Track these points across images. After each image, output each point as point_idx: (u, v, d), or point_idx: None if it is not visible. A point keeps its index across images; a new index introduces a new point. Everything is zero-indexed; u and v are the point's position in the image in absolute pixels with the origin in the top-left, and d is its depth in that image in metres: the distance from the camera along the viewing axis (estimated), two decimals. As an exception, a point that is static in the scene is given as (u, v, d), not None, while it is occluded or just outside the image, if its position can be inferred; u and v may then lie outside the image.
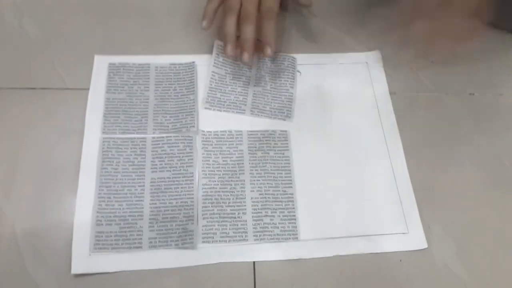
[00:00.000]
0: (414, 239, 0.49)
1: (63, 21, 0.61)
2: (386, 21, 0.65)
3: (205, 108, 0.55)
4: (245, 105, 0.56)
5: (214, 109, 0.55)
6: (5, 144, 0.51)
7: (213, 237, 0.48)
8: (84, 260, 0.45)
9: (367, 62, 0.61)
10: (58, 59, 0.57)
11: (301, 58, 0.60)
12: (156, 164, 0.51)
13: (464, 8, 0.65)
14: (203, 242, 0.47)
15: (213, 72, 0.57)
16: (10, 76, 0.56)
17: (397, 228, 0.50)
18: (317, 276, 0.47)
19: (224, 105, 0.56)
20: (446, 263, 0.48)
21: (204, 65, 0.59)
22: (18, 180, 0.49)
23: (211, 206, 0.49)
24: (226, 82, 0.57)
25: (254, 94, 0.57)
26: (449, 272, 0.48)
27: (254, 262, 0.47)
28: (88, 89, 0.55)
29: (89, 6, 0.63)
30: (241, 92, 0.57)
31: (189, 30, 0.62)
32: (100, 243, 0.46)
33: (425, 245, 0.49)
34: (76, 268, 0.45)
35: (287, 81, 0.58)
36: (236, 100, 0.56)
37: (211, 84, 0.57)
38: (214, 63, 0.58)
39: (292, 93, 0.58)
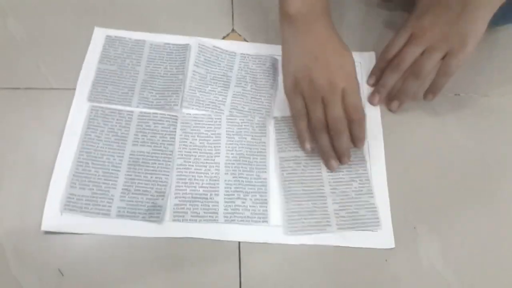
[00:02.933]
0: (384, 237, 0.49)
1: (48, 21, 0.61)
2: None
3: (177, 109, 0.55)
4: (224, 105, 0.56)
5: (192, 108, 0.55)
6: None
7: (183, 216, 0.49)
8: (54, 219, 0.47)
9: (360, 63, 0.61)
10: (42, 59, 0.57)
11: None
12: (139, 138, 0.53)
13: None
14: (174, 220, 0.48)
15: (194, 71, 0.58)
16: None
17: (369, 225, 0.50)
18: (299, 261, 0.48)
19: (203, 104, 0.56)
20: (431, 261, 0.48)
21: None
22: (5, 180, 0.49)
23: (184, 186, 0.50)
24: (206, 81, 0.58)
25: (234, 94, 0.57)
26: (434, 270, 0.48)
27: (239, 242, 0.48)
28: (73, 89, 0.55)
29: (74, 5, 0.63)
30: (221, 92, 0.57)
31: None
32: (71, 205, 0.48)
33: (392, 245, 0.49)
34: (46, 226, 0.47)
35: (268, 81, 0.59)
36: (215, 100, 0.56)
37: (191, 83, 0.57)
38: (196, 62, 0.58)
39: (271, 93, 0.58)
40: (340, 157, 0.52)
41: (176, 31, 0.61)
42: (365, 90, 0.59)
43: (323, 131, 0.50)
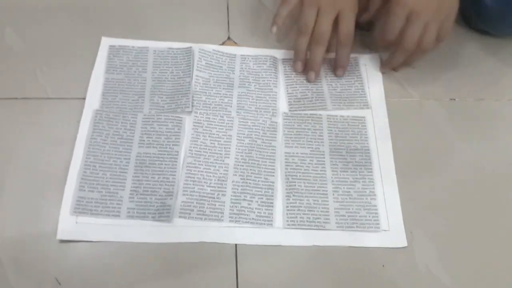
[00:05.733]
0: (395, 237, 0.50)
1: (45, 31, 0.61)
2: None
3: (189, 111, 0.55)
4: (231, 106, 0.57)
5: (200, 112, 0.56)
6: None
7: (189, 213, 0.49)
8: (69, 227, 0.47)
9: (365, 65, 0.62)
10: (40, 69, 0.57)
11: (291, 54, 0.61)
12: (144, 140, 0.53)
13: None
14: (179, 217, 0.48)
15: (196, 76, 0.58)
16: None
17: (379, 225, 0.50)
18: (297, 264, 0.48)
19: (210, 107, 0.56)
20: (427, 266, 0.48)
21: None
22: (2, 190, 0.49)
23: (192, 184, 0.50)
24: (210, 85, 0.58)
25: (239, 95, 0.58)
26: (431, 275, 0.48)
27: (236, 245, 0.48)
28: (70, 98, 0.55)
29: (72, 15, 0.63)
30: (226, 94, 0.58)
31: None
32: (80, 208, 0.48)
33: (405, 244, 0.49)
34: (61, 234, 0.46)
35: (270, 80, 0.59)
36: (222, 102, 0.57)
37: (195, 88, 0.57)
38: (197, 66, 0.59)
39: (276, 92, 0.59)
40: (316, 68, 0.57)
41: (174, 40, 0.62)
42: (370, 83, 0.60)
43: (322, 45, 0.55)
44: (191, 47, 0.60)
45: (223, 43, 0.63)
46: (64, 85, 0.56)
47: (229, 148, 0.53)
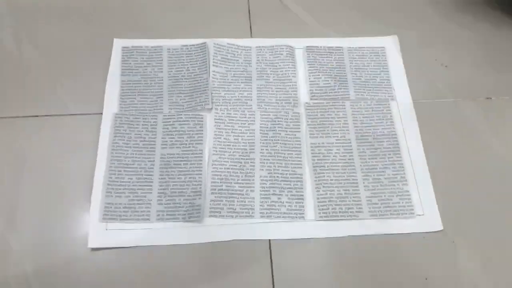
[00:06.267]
0: (430, 221, 0.49)
1: (62, 44, 0.59)
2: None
3: (209, 108, 0.54)
4: (251, 100, 0.56)
5: (220, 109, 0.54)
6: (8, 173, 0.50)
7: (220, 212, 0.48)
8: (99, 234, 0.46)
9: (384, 47, 0.61)
10: (60, 84, 0.56)
11: (316, 42, 0.61)
12: (167, 141, 0.52)
13: None
14: (210, 216, 0.48)
15: (213, 71, 0.57)
16: (12, 104, 0.54)
17: (413, 211, 0.49)
18: (332, 256, 0.47)
19: (230, 103, 0.55)
20: (470, 276, 0.47)
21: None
22: (23, 210, 0.48)
23: (220, 182, 0.50)
24: (228, 79, 0.57)
25: (258, 88, 0.57)
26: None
27: (269, 240, 0.47)
28: (91, 114, 0.54)
29: (82, 18, 0.62)
30: (245, 88, 0.57)
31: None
32: (109, 214, 0.47)
33: (440, 227, 0.48)
34: (92, 243, 0.46)
35: (289, 71, 0.58)
36: (241, 96, 0.56)
37: (213, 84, 0.56)
38: (213, 62, 0.58)
39: (295, 82, 0.57)
40: None
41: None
42: (395, 74, 0.59)
43: None
44: (205, 42, 0.59)
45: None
46: (84, 100, 0.55)
47: (253, 142, 0.52)
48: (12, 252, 0.45)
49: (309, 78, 0.58)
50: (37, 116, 0.54)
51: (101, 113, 0.54)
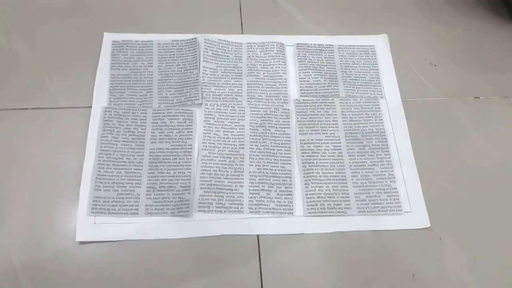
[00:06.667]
0: (417, 218, 0.49)
1: (53, 38, 0.59)
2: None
3: (199, 103, 0.54)
4: (241, 96, 0.56)
5: (210, 104, 0.54)
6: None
7: (209, 207, 0.48)
8: (88, 228, 0.46)
9: (374, 45, 0.61)
10: (49, 78, 0.55)
11: (307, 39, 0.61)
12: (156, 135, 0.52)
13: None
14: (198, 211, 0.47)
15: (204, 67, 0.57)
16: (0, 97, 0.53)
17: (400, 208, 0.49)
18: (320, 251, 0.47)
19: (220, 98, 0.55)
20: (458, 274, 0.47)
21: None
22: (11, 204, 0.47)
23: (209, 177, 0.50)
24: (218, 75, 0.57)
25: (248, 84, 0.57)
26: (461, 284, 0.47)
27: (258, 235, 0.47)
28: (80, 107, 0.53)
29: (80, 21, 0.61)
30: (235, 84, 0.57)
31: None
32: (98, 208, 0.47)
33: (428, 224, 0.49)
34: (80, 236, 0.45)
35: (279, 67, 0.58)
36: (231, 92, 0.56)
37: (203, 79, 0.56)
38: (204, 57, 0.58)
39: (285, 78, 0.58)
40: None
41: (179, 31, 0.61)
42: (385, 72, 0.59)
43: None
44: (196, 38, 0.59)
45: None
46: (74, 94, 0.54)
47: (243, 138, 0.52)
48: (0, 246, 0.45)
49: (299, 75, 0.58)
50: (26, 109, 0.53)
51: (90, 107, 0.53)
